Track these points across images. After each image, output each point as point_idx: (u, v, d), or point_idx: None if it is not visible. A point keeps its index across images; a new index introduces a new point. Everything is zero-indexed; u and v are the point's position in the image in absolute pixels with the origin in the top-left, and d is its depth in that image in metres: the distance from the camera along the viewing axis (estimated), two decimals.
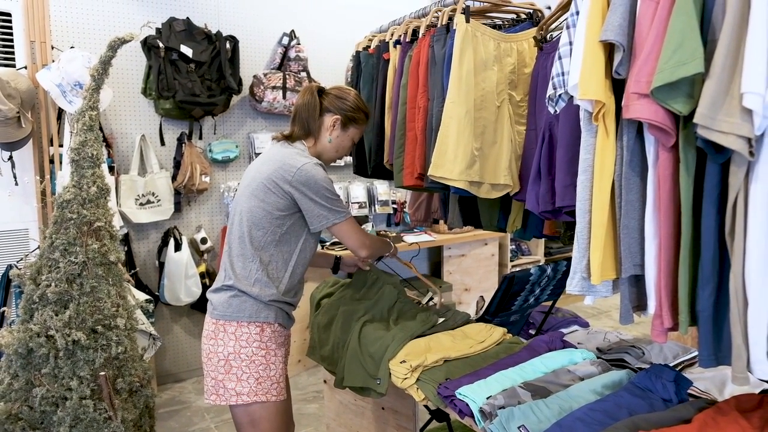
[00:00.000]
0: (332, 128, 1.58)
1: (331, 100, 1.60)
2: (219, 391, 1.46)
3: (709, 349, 0.94)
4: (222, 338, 1.47)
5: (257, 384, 1.46)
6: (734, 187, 0.87)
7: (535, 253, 4.38)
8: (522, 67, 1.62)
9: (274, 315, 1.50)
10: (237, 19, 3.19)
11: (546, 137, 1.37)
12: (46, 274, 1.80)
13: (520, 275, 2.02)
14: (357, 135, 1.65)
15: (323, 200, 1.48)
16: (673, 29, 0.88)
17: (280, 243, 1.51)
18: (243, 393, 1.45)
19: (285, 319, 1.56)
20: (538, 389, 1.34)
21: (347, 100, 1.60)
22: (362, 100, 1.65)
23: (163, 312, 3.13)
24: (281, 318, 1.53)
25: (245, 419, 1.48)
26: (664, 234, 0.97)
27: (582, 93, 1.01)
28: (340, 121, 1.58)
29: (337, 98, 1.60)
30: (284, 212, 1.49)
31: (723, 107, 0.83)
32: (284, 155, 1.50)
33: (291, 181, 1.46)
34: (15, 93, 2.41)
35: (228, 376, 1.45)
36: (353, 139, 1.64)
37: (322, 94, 1.61)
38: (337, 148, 1.61)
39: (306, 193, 1.46)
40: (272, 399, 1.48)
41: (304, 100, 1.59)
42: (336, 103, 1.59)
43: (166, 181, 2.97)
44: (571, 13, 1.12)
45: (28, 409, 1.78)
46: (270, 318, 1.49)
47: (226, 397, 1.45)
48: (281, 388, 1.51)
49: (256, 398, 1.45)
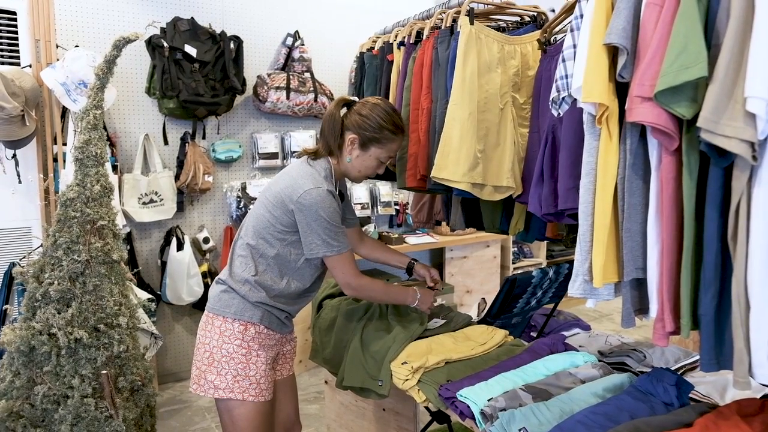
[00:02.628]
0: (351, 147, 1.49)
1: (353, 117, 1.49)
2: (200, 382, 1.47)
3: (710, 353, 0.94)
4: (209, 330, 1.48)
5: (234, 381, 1.45)
6: (737, 191, 0.87)
7: (537, 256, 4.38)
8: (525, 69, 1.62)
9: (260, 316, 1.47)
10: (241, 19, 3.20)
11: (549, 140, 1.37)
12: (49, 272, 1.81)
13: (522, 278, 2.01)
14: (384, 154, 1.50)
15: (320, 229, 1.43)
16: (676, 33, 0.88)
17: (279, 257, 1.48)
18: (220, 387, 1.45)
19: (275, 324, 1.52)
20: (540, 392, 1.34)
21: (369, 118, 1.47)
22: (393, 115, 1.49)
23: (164, 311, 3.13)
24: (269, 321, 1.50)
25: (225, 414, 1.49)
26: (666, 237, 0.97)
27: (585, 96, 1.01)
28: (358, 141, 1.48)
29: (359, 115, 1.48)
30: (287, 229, 1.47)
31: (726, 111, 0.83)
32: (300, 174, 1.46)
33: (295, 202, 1.43)
34: (19, 91, 2.42)
35: (209, 368, 1.46)
36: (378, 159, 1.50)
37: (350, 108, 1.52)
38: (359, 168, 1.52)
39: (305, 217, 1.43)
40: (249, 399, 1.45)
41: (328, 114, 1.51)
42: (356, 120, 1.48)
43: (169, 180, 2.97)
44: (575, 16, 1.12)
45: (29, 407, 1.78)
46: (255, 318, 1.47)
47: (205, 388, 1.46)
48: (261, 390, 1.48)
49: (232, 395, 1.44)
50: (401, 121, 1.52)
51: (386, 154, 1.51)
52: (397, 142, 1.52)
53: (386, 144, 1.49)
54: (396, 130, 1.50)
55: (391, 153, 1.53)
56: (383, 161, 1.52)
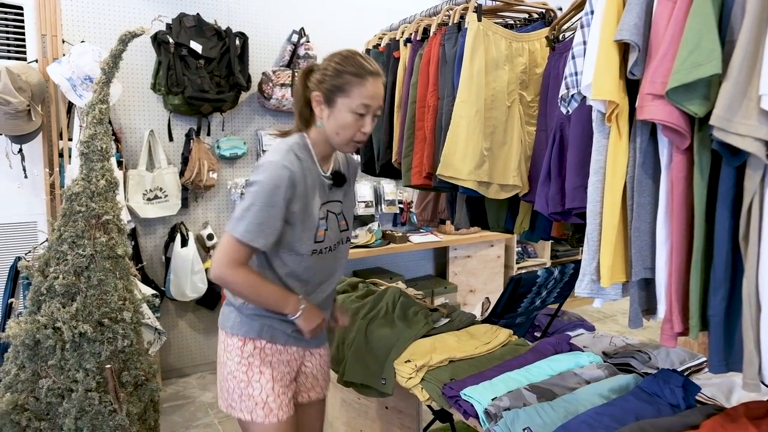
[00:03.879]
0: (319, 109, 1.28)
1: (314, 76, 1.29)
2: (222, 395, 1.40)
3: (719, 355, 0.93)
4: (219, 345, 1.40)
5: (240, 400, 1.34)
6: (749, 190, 0.85)
7: (542, 256, 4.36)
8: (533, 67, 1.61)
9: (257, 330, 1.33)
10: (247, 16, 3.19)
11: (557, 138, 1.36)
12: (54, 267, 1.81)
13: (527, 277, 2.00)
14: (354, 102, 1.24)
15: (245, 200, 1.22)
16: (690, 30, 0.87)
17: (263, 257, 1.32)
18: (232, 405, 1.36)
19: (280, 337, 1.35)
20: (544, 392, 1.33)
21: (326, 68, 1.26)
22: (353, 57, 1.26)
23: (168, 307, 3.14)
24: (270, 335, 1.34)
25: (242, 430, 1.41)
26: (676, 237, 0.96)
27: (595, 93, 1.00)
28: (323, 98, 1.27)
29: (318, 70, 1.28)
30: None
31: (740, 109, 0.82)
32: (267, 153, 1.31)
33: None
34: (26, 86, 2.42)
35: (222, 384, 1.39)
36: (351, 111, 1.25)
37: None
38: (336, 129, 1.27)
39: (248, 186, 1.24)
40: (258, 420, 1.32)
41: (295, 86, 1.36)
42: (316, 77, 1.28)
43: (173, 176, 2.98)
44: (585, 12, 1.11)
45: (34, 400, 1.79)
46: (252, 333, 1.33)
47: (223, 405, 1.39)
48: (270, 410, 1.33)
49: (242, 414, 1.34)
50: (367, 62, 1.26)
51: (358, 102, 1.24)
52: (367, 85, 1.24)
53: (352, 90, 1.24)
54: (359, 71, 1.24)
55: (365, 99, 1.24)
56: (360, 112, 1.25)
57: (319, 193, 1.32)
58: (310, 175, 1.29)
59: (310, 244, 1.30)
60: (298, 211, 1.26)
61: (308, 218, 1.29)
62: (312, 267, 1.33)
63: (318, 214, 1.31)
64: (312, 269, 1.34)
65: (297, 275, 1.32)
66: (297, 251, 1.29)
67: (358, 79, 1.24)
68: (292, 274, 1.32)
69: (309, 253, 1.31)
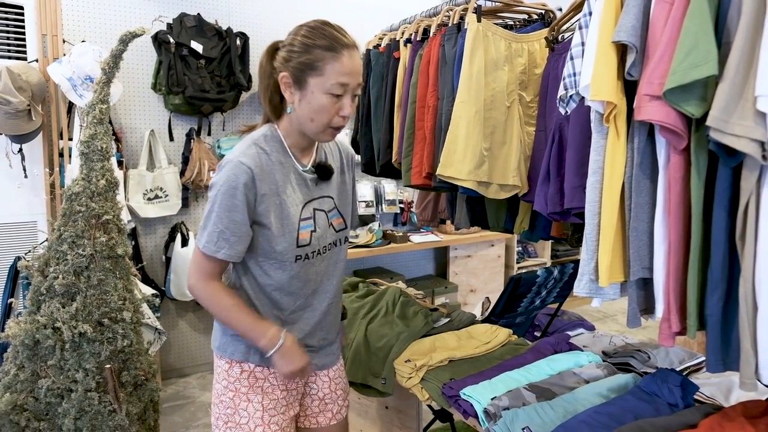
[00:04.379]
0: (288, 92, 1.10)
1: (279, 54, 1.11)
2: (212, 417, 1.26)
3: (717, 354, 0.93)
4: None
5: (226, 428, 1.19)
6: (746, 191, 0.86)
7: (542, 256, 4.36)
8: (533, 67, 1.62)
9: (243, 352, 1.18)
10: (248, 16, 3.20)
11: (556, 138, 1.36)
12: (54, 267, 1.81)
13: (526, 277, 2.01)
14: (329, 81, 1.06)
15: (207, 207, 1.10)
16: (687, 31, 0.87)
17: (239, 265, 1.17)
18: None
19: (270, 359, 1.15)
20: (543, 391, 1.33)
21: (292, 44, 1.08)
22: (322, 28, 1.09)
23: (168, 307, 3.14)
24: (260, 356, 1.17)
25: None
26: (673, 237, 0.97)
27: (593, 94, 1.01)
28: (291, 78, 1.08)
29: (283, 47, 1.11)
30: None
31: (736, 110, 0.83)
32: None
33: None
34: (26, 86, 2.43)
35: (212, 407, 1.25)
36: (326, 91, 1.06)
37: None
38: (310, 115, 1.09)
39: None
40: None
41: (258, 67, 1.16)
42: (282, 55, 1.10)
43: (174, 176, 2.98)
44: (584, 14, 1.12)
45: (33, 400, 1.79)
46: (237, 355, 1.18)
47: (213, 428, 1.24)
48: None
49: None
50: (340, 33, 1.09)
51: (333, 80, 1.05)
52: (342, 60, 1.06)
53: (324, 67, 1.05)
54: (331, 44, 1.06)
55: (341, 77, 1.06)
56: (336, 93, 1.07)
57: (300, 191, 1.15)
58: (282, 171, 1.13)
59: (292, 249, 1.13)
60: (269, 212, 1.10)
61: (285, 220, 1.12)
62: (299, 276, 1.16)
63: (298, 215, 1.14)
64: (299, 279, 1.17)
65: (283, 287, 1.16)
66: (277, 259, 1.13)
67: (331, 53, 1.05)
68: (276, 285, 1.16)
69: (292, 260, 1.14)
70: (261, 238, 1.13)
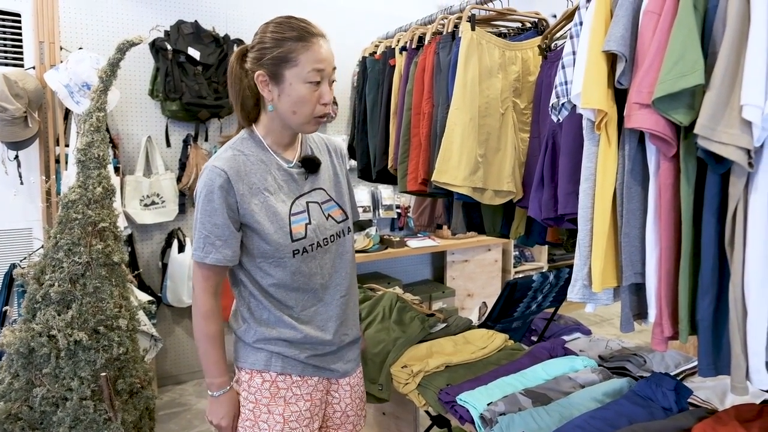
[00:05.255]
0: (266, 90, 1.10)
1: (250, 55, 1.11)
2: None
3: (708, 359, 0.95)
4: None
5: None
6: (734, 197, 0.87)
7: (539, 260, 4.37)
8: (526, 75, 1.63)
9: (264, 361, 1.15)
10: (245, 23, 3.21)
11: (549, 145, 1.38)
12: (50, 274, 1.81)
13: (522, 282, 2.02)
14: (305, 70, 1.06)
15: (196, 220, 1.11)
16: (674, 41, 0.89)
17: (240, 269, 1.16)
18: None
19: (295, 367, 1.15)
20: (539, 396, 1.34)
21: (262, 41, 1.09)
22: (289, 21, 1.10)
23: (165, 313, 3.14)
24: (282, 365, 1.15)
25: None
26: (664, 243, 0.98)
27: (584, 102, 1.02)
28: (267, 75, 1.09)
29: (252, 47, 1.11)
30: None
31: (723, 118, 0.84)
32: None
33: None
34: (23, 93, 2.43)
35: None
36: (303, 80, 1.07)
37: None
38: (291, 108, 1.09)
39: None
40: None
41: (228, 73, 1.15)
42: (253, 56, 1.10)
43: (171, 182, 2.99)
44: (575, 23, 1.13)
45: (28, 409, 1.79)
46: (258, 365, 1.15)
47: None
48: None
49: None
50: (307, 24, 1.10)
51: (309, 68, 1.07)
52: (314, 48, 1.07)
53: (298, 57, 1.06)
54: (301, 34, 1.08)
55: (316, 64, 1.07)
56: (314, 80, 1.07)
57: (288, 186, 1.15)
58: (263, 169, 1.13)
59: (287, 244, 1.11)
60: (253, 211, 1.10)
61: (273, 216, 1.11)
62: (301, 271, 1.14)
63: (288, 210, 1.13)
64: (302, 273, 1.15)
65: (286, 284, 1.14)
66: (275, 256, 1.12)
67: (302, 43, 1.07)
68: (280, 284, 1.14)
69: (290, 255, 1.12)
70: (254, 238, 1.12)
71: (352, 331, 1.25)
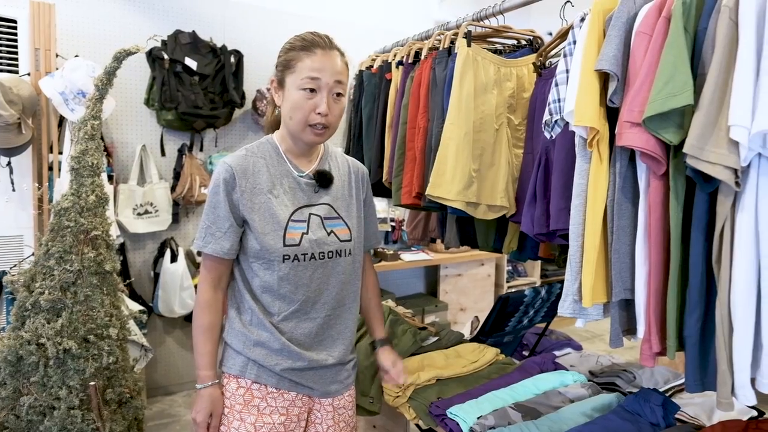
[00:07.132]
0: (277, 96, 1.20)
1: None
2: None
3: (695, 375, 0.95)
4: None
5: None
6: (721, 215, 0.89)
7: (532, 275, 4.39)
8: (521, 91, 1.66)
9: (240, 366, 1.16)
10: (242, 34, 3.24)
11: (542, 161, 1.40)
12: (40, 282, 1.80)
13: (514, 296, 2.03)
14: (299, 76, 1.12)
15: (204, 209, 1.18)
16: (664, 62, 0.91)
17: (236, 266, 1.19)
18: None
19: (267, 377, 1.15)
20: (529, 410, 1.34)
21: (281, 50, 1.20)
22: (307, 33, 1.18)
23: (156, 323, 3.11)
24: (256, 373, 1.15)
25: None
26: (653, 260, 0.99)
27: (577, 120, 1.04)
28: (276, 81, 1.19)
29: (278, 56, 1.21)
30: None
31: (711, 138, 0.86)
32: None
33: None
34: (17, 99, 2.43)
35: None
36: (297, 87, 1.12)
37: None
38: (289, 114, 1.15)
39: None
40: None
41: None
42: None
43: (164, 191, 2.98)
44: (568, 42, 1.16)
45: (14, 418, 1.76)
46: (234, 369, 1.16)
47: None
48: None
49: None
50: (320, 37, 1.17)
51: (303, 75, 1.12)
52: (313, 57, 1.12)
53: (297, 64, 1.13)
54: (305, 44, 1.14)
55: (311, 72, 1.12)
56: (308, 87, 1.11)
57: (294, 194, 1.17)
58: (273, 172, 1.16)
59: (279, 248, 1.12)
60: (251, 209, 1.13)
61: (270, 218, 1.13)
62: (288, 278, 1.13)
63: (288, 215, 1.14)
64: (289, 281, 1.14)
65: (272, 289, 1.14)
66: (265, 258, 1.13)
67: (304, 51, 1.13)
68: (266, 287, 1.15)
69: (279, 260, 1.12)
70: (249, 237, 1.15)
71: (339, 353, 1.21)
